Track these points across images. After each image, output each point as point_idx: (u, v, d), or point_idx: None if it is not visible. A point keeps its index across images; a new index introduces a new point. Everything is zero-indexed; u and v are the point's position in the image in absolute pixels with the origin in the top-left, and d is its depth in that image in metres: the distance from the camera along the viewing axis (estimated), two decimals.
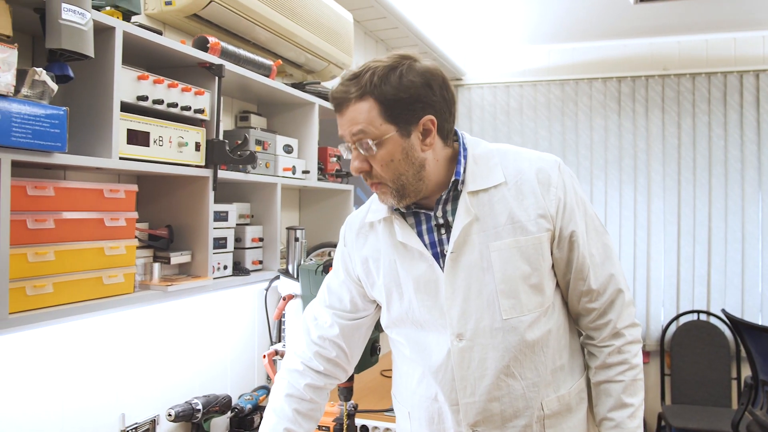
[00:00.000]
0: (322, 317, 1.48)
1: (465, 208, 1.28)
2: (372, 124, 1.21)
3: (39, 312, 1.27)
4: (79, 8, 1.25)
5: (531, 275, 1.27)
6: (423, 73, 1.22)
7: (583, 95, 4.37)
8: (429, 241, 1.33)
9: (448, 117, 1.28)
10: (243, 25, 2.01)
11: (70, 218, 1.35)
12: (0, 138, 1.12)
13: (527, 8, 3.50)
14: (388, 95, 1.20)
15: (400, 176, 1.25)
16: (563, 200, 1.29)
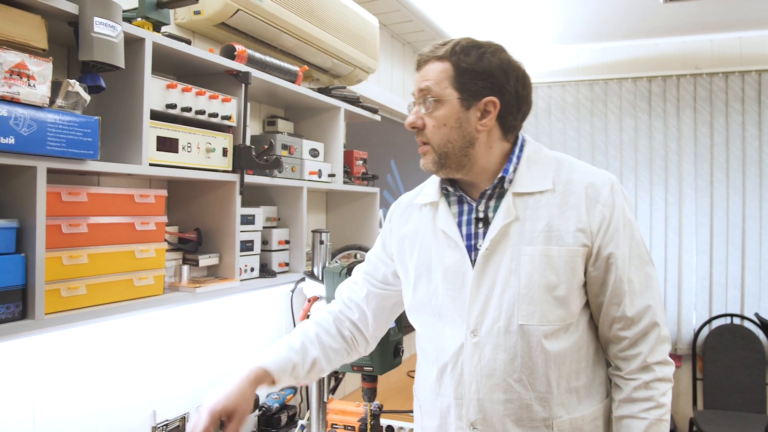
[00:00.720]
0: (357, 280, 1.54)
1: (507, 208, 1.28)
2: (439, 84, 1.26)
3: (73, 313, 1.32)
4: (111, 21, 1.31)
5: (557, 287, 1.25)
6: (504, 61, 1.28)
7: (613, 95, 4.32)
8: (465, 233, 1.34)
9: (514, 111, 1.30)
10: (270, 32, 2.06)
11: (103, 223, 1.40)
12: (36, 147, 1.17)
13: (555, 8, 3.48)
14: (463, 63, 1.25)
15: (447, 143, 1.27)
16: (608, 219, 1.26)
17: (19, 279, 1.21)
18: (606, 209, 1.26)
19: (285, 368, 1.38)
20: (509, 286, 1.26)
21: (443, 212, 1.36)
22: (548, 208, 1.27)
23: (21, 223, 1.22)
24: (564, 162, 1.33)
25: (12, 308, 1.20)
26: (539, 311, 1.24)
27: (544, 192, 1.28)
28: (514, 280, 1.26)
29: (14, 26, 1.18)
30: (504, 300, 1.26)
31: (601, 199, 1.26)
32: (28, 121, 1.15)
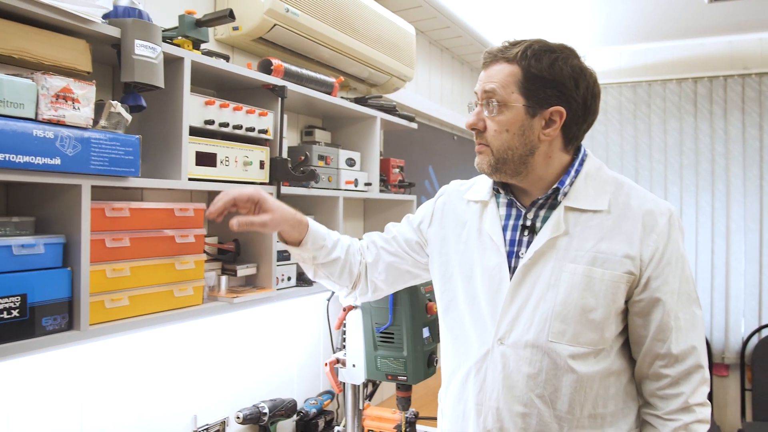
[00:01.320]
0: (387, 231, 1.57)
1: (556, 221, 1.25)
2: (506, 87, 1.22)
3: (116, 323, 1.37)
4: (151, 43, 1.36)
5: (594, 310, 1.21)
6: (576, 68, 1.23)
7: (657, 97, 4.23)
8: (509, 238, 1.31)
9: (579, 122, 1.27)
10: (306, 45, 2.09)
11: (144, 236, 1.45)
12: (80, 166, 1.23)
13: (595, 10, 3.43)
14: (533, 69, 1.21)
15: (507, 149, 1.24)
16: (661, 251, 1.22)
17: (66, 292, 1.26)
18: (660, 240, 1.23)
19: (317, 239, 1.45)
20: (545, 301, 1.23)
21: (491, 213, 1.35)
22: (599, 229, 1.24)
23: (67, 239, 1.28)
24: (624, 185, 1.30)
25: (59, 320, 1.25)
26: (571, 331, 1.22)
27: (597, 212, 1.25)
28: (551, 295, 1.23)
29: (61, 51, 1.24)
30: (537, 313, 1.24)
31: (657, 229, 1.23)
32: (73, 142, 1.21)
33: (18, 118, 1.12)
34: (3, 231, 1.23)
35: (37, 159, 1.14)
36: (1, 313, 1.15)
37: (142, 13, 1.37)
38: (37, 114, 1.15)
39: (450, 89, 3.81)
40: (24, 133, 1.12)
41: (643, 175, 4.24)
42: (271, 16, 1.87)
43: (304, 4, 1.97)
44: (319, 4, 2.04)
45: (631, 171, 4.26)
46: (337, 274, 1.50)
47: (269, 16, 1.87)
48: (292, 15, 1.93)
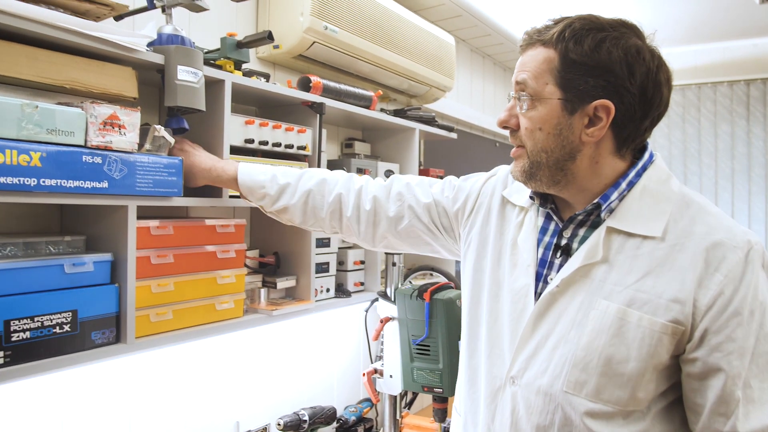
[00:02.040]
0: (401, 193, 1.37)
1: (594, 245, 1.02)
2: (539, 77, 1.01)
3: (161, 336, 1.44)
4: (192, 68, 1.42)
5: (623, 363, 0.97)
6: (632, 52, 0.98)
7: (707, 100, 4.12)
8: (540, 257, 1.10)
9: (637, 119, 1.01)
10: (345, 60, 2.14)
11: (187, 252, 1.51)
12: (126, 189, 1.29)
13: (641, 11, 3.37)
14: (572, 54, 0.98)
15: (541, 152, 1.03)
16: (728, 297, 0.94)
17: (113, 307, 1.33)
18: (729, 283, 0.95)
19: (253, 190, 1.42)
20: (566, 342, 1.02)
21: (528, 224, 1.14)
22: (648, 261, 0.99)
23: (115, 256, 1.35)
24: (692, 205, 1.02)
25: (107, 333, 1.32)
26: (592, 384, 0.99)
27: (648, 238, 1.00)
28: (575, 336, 1.01)
29: (109, 80, 1.31)
30: (555, 355, 1.03)
31: (724, 268, 0.95)
32: (119, 165, 1.27)
33: (69, 146, 1.19)
34: (56, 249, 1.31)
35: (86, 183, 1.21)
36: (54, 328, 1.23)
37: (184, 39, 1.43)
38: (86, 141, 1.22)
39: (492, 96, 3.80)
40: (74, 159, 1.19)
41: (693, 180, 4.14)
42: (311, 35, 1.92)
43: (342, 22, 2.01)
44: (357, 21, 2.08)
45: (679, 176, 4.16)
46: (298, 221, 1.42)
47: (308, 35, 1.91)
48: (331, 32, 1.97)
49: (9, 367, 1.15)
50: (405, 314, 1.93)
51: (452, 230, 1.33)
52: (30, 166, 1.12)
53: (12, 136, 1.10)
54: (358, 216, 1.39)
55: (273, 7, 1.97)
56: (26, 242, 1.26)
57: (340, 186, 1.40)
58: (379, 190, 1.39)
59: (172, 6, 1.42)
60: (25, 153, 1.11)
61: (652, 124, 1.04)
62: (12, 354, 1.16)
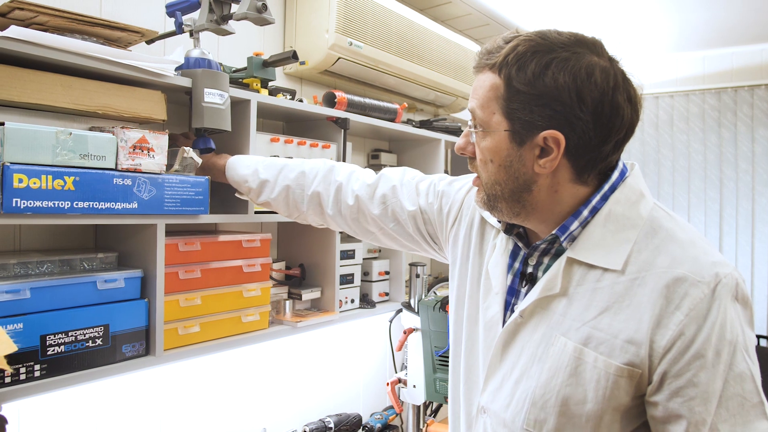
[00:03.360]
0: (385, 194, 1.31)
1: (553, 277, 0.96)
2: (486, 107, 0.95)
3: (188, 348, 1.50)
4: (219, 90, 1.47)
5: (580, 404, 0.91)
6: (581, 76, 0.89)
7: (744, 104, 4.03)
8: (509, 284, 1.05)
9: (593, 145, 0.92)
10: (371, 74, 2.17)
11: (214, 267, 1.57)
12: (155, 208, 1.35)
13: (672, 13, 3.31)
14: (515, 82, 0.91)
15: (495, 184, 0.97)
16: (690, 338, 0.85)
17: (143, 321, 1.40)
18: (690, 323, 0.85)
19: (239, 185, 1.47)
20: (528, 377, 0.96)
21: (499, 251, 1.07)
22: (607, 295, 0.92)
23: (144, 272, 1.41)
24: (659, 232, 0.93)
25: (137, 346, 1.39)
26: (552, 423, 0.93)
27: (609, 271, 0.92)
28: (536, 371, 0.95)
29: (139, 104, 1.37)
30: (518, 390, 0.98)
31: (685, 305, 0.86)
32: (148, 187, 1.33)
33: (100, 169, 1.25)
34: (90, 266, 1.38)
35: (117, 204, 1.27)
36: (87, 342, 1.29)
37: (211, 62, 1.48)
38: (117, 164, 1.28)
39: None
40: (105, 182, 1.25)
41: (729, 186, 4.05)
42: (336, 51, 1.96)
43: (367, 37, 2.05)
44: (382, 36, 2.11)
45: (715, 182, 4.08)
46: (284, 214, 1.45)
47: (334, 51, 1.96)
48: (356, 48, 2.01)
49: (45, 379, 1.22)
50: (428, 325, 1.96)
51: (437, 237, 1.27)
52: (64, 190, 1.19)
53: (47, 162, 1.17)
54: (340, 211, 1.35)
55: (299, 25, 2.01)
56: (62, 259, 1.33)
57: (318, 182, 1.37)
58: (363, 188, 1.33)
59: (199, 31, 1.47)
60: (60, 178, 1.18)
61: (617, 146, 0.95)
62: (48, 367, 1.23)
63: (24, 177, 1.13)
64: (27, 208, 1.13)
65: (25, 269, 1.28)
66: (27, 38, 1.15)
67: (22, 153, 1.14)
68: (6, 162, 1.11)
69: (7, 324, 1.16)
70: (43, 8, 1.20)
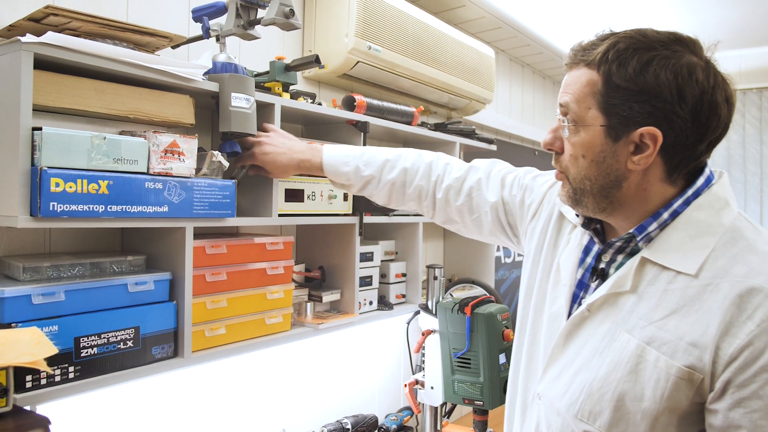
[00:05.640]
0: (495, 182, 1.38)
1: (624, 274, 0.98)
2: (581, 101, 0.96)
3: (215, 350, 1.51)
4: (245, 95, 1.48)
5: (636, 401, 0.92)
6: (682, 74, 0.90)
7: (752, 106, 4.05)
8: (578, 278, 1.07)
9: (689, 144, 0.93)
10: (387, 77, 2.18)
11: (239, 270, 1.58)
12: (185, 212, 1.36)
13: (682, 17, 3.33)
14: (615, 78, 0.92)
15: (584, 180, 0.98)
16: (760, 350, 0.84)
17: (172, 323, 1.41)
18: (761, 334, 0.84)
19: (338, 177, 1.52)
20: (588, 369, 0.98)
21: (573, 245, 1.11)
22: (678, 298, 0.92)
23: (173, 275, 1.42)
24: (740, 242, 0.92)
25: (166, 348, 1.40)
26: (606, 417, 0.94)
27: (681, 274, 0.93)
28: (596, 364, 0.97)
29: (168, 108, 1.39)
30: (576, 380, 1.00)
31: (758, 316, 0.85)
32: (178, 191, 1.34)
33: (133, 173, 1.27)
34: (119, 269, 1.39)
35: (148, 208, 1.29)
36: (119, 344, 1.31)
37: (237, 67, 1.49)
38: (148, 168, 1.29)
39: (531, 105, 3.81)
40: (138, 186, 1.27)
41: (737, 188, 4.07)
42: (355, 55, 1.97)
43: (385, 41, 2.06)
44: (399, 39, 2.13)
45: None
46: (381, 203, 1.54)
47: (353, 55, 1.97)
48: (375, 51, 2.02)
49: (79, 380, 1.24)
50: (446, 327, 1.97)
51: (517, 229, 1.33)
52: (98, 194, 1.20)
53: (83, 166, 1.18)
54: (434, 203, 1.47)
55: (318, 29, 2.03)
56: (92, 263, 1.34)
57: (419, 177, 1.47)
58: (452, 180, 1.43)
59: (225, 36, 1.49)
60: (94, 182, 1.19)
61: (710, 146, 0.95)
62: (81, 369, 1.24)
63: (60, 181, 1.14)
64: (63, 212, 1.15)
65: (57, 272, 1.29)
66: (63, 44, 1.16)
67: (58, 157, 1.15)
68: (43, 166, 1.12)
69: (43, 326, 1.17)
70: (77, 14, 1.22)
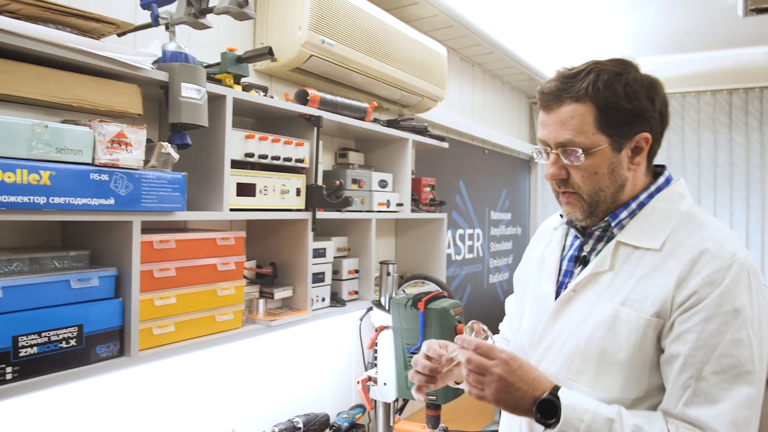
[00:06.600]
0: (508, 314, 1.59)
1: (604, 257, 1.18)
2: (584, 132, 1.12)
3: (163, 349, 1.46)
4: (196, 85, 1.44)
5: (615, 353, 1.11)
6: (648, 85, 1.14)
7: (690, 109, 4.20)
8: (564, 268, 1.29)
9: (658, 139, 1.18)
10: (340, 72, 2.17)
11: (189, 266, 1.54)
12: (132, 205, 1.31)
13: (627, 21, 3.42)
14: (610, 102, 1.11)
15: (599, 192, 1.17)
16: (701, 297, 1.05)
17: (118, 321, 1.36)
18: (705, 287, 1.05)
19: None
20: (573, 336, 1.18)
21: (555, 240, 1.34)
22: (646, 268, 1.13)
23: (119, 271, 1.37)
24: (694, 221, 1.15)
25: (111, 347, 1.35)
26: (591, 372, 1.13)
27: (649, 250, 1.14)
28: (579, 331, 1.17)
29: (115, 97, 1.33)
30: (564, 349, 1.19)
31: (704, 272, 1.06)
32: (125, 183, 1.29)
33: (77, 164, 1.21)
34: (61, 264, 1.33)
35: (93, 200, 1.24)
36: (61, 343, 1.25)
37: (188, 57, 1.45)
38: (93, 159, 1.24)
39: (481, 104, 3.85)
40: (82, 177, 1.21)
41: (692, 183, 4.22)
42: (308, 48, 1.95)
43: (339, 35, 2.04)
44: (353, 35, 2.11)
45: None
46: None
47: (306, 48, 1.94)
48: (328, 46, 2.00)
49: (17, 382, 1.17)
50: (399, 323, 1.97)
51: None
52: (40, 185, 1.14)
53: (23, 155, 1.12)
54: None
55: (271, 22, 1.99)
56: (32, 258, 1.28)
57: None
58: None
59: (175, 24, 1.44)
60: (35, 172, 1.13)
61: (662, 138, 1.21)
62: (20, 369, 1.18)
63: None
64: (1, 204, 1.09)
65: None
66: (2, 27, 1.10)
67: None
68: None
69: None
70: None
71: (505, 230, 4.29)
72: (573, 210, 1.21)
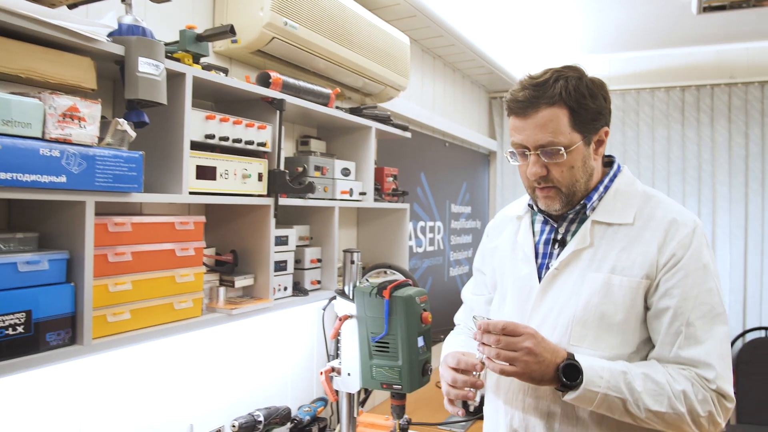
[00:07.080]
0: (466, 303, 1.74)
1: (583, 235, 1.35)
2: (562, 132, 1.28)
3: (118, 337, 1.39)
4: (154, 60, 1.37)
5: (613, 315, 1.29)
6: (600, 86, 1.34)
7: (645, 105, 4.29)
8: (542, 252, 1.43)
9: (608, 132, 1.38)
10: (303, 56, 2.12)
11: (146, 250, 1.47)
12: (85, 183, 1.24)
13: (585, 18, 3.47)
14: (581, 103, 1.28)
15: (576, 182, 1.33)
16: (678, 257, 1.27)
17: (69, 307, 1.28)
18: (680, 249, 1.28)
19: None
20: (567, 308, 1.33)
21: (524, 227, 1.47)
22: (624, 240, 1.32)
23: (71, 254, 1.29)
24: (652, 198, 1.37)
25: (62, 335, 1.27)
26: (592, 335, 1.29)
27: (623, 225, 1.34)
28: (574, 302, 1.32)
29: (66, 70, 1.26)
30: (560, 320, 1.33)
31: (677, 237, 1.29)
32: (78, 159, 1.22)
33: (25, 138, 1.13)
34: (7, 247, 1.24)
35: (43, 177, 1.16)
36: (7, 330, 1.16)
37: (145, 30, 1.38)
38: (44, 133, 1.16)
39: (442, 96, 3.84)
40: (31, 152, 1.14)
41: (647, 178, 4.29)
42: (271, 30, 1.89)
43: (302, 18, 1.99)
44: (316, 18, 2.06)
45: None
46: None
47: (268, 30, 1.89)
48: (291, 28, 1.95)
49: None
50: (364, 312, 1.93)
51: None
52: None
53: None
54: None
55: (231, 1, 1.93)
56: None
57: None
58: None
59: None
60: None
61: None
62: None
63: None
64: None
65: None
66: None
67: None
68: None
69: None
70: None
71: (465, 223, 4.30)
72: (552, 202, 1.36)
